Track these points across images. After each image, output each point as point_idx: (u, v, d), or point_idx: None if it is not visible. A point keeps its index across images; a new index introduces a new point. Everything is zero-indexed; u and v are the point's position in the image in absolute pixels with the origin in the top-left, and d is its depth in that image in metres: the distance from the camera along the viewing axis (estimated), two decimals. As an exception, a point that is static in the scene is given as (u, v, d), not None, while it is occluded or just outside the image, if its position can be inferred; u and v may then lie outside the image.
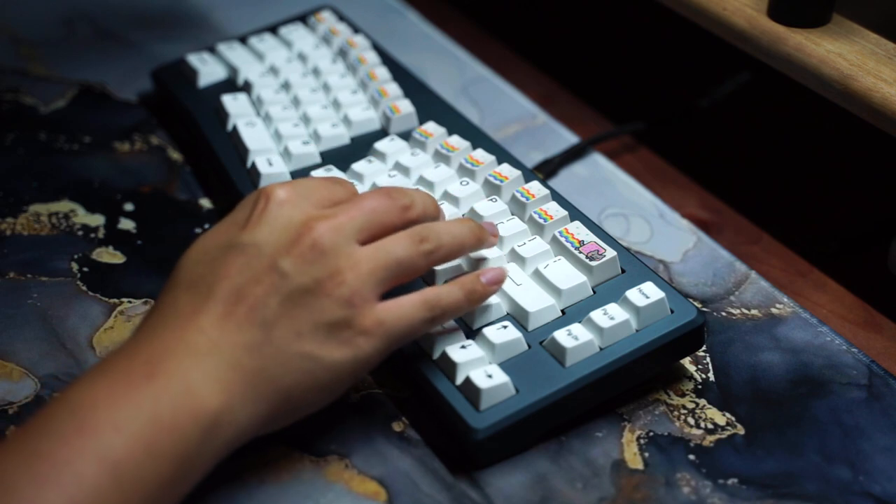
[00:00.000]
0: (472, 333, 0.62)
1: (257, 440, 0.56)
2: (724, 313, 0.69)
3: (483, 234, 0.62)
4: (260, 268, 0.54)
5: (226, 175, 0.75)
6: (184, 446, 0.51)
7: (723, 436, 0.61)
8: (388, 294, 0.57)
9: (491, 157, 0.72)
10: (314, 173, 0.73)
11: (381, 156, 0.74)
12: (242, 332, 0.53)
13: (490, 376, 0.59)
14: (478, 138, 0.75)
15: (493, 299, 0.63)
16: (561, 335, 0.61)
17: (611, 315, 0.61)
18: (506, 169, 0.71)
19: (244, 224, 0.56)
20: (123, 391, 0.51)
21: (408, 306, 0.57)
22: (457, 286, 0.59)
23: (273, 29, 0.88)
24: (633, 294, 0.62)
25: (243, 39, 0.87)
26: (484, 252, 0.64)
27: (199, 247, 0.56)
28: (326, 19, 0.87)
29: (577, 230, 0.66)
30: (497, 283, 0.61)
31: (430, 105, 0.79)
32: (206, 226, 0.75)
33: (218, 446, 0.53)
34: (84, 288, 0.70)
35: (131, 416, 0.51)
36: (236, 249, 0.55)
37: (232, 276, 0.54)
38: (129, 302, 0.69)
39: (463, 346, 0.60)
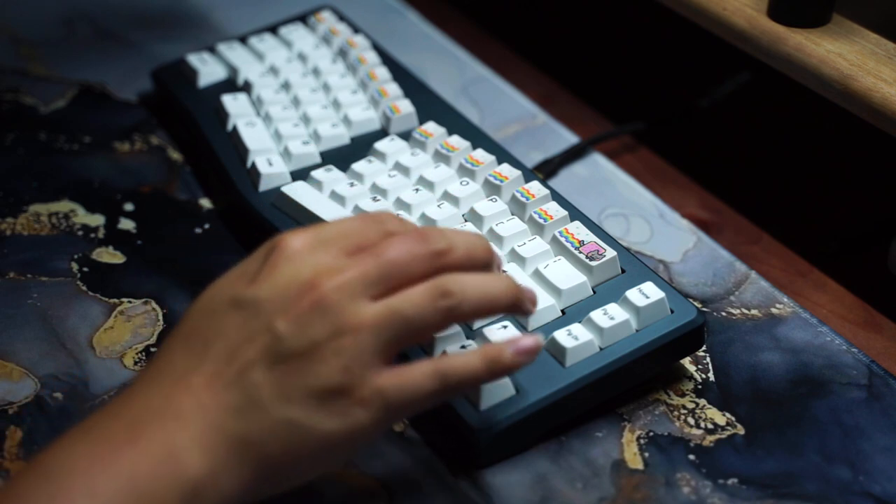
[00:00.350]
0: (472, 333, 0.62)
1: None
2: (724, 313, 0.69)
3: (521, 296, 0.55)
4: (256, 328, 0.51)
5: (226, 175, 0.75)
6: None
7: (723, 436, 0.61)
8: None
9: (491, 157, 0.72)
10: (314, 174, 0.73)
11: (381, 156, 0.74)
12: (230, 393, 0.50)
13: (490, 376, 0.59)
14: (478, 138, 0.75)
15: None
16: (561, 335, 0.61)
17: (611, 315, 0.61)
18: (506, 169, 0.71)
19: (252, 278, 0.52)
20: (102, 456, 0.49)
21: (416, 376, 0.51)
22: (478, 356, 0.53)
23: (273, 29, 0.88)
24: (633, 294, 0.62)
25: (243, 39, 0.87)
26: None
27: (207, 297, 0.53)
28: (326, 19, 0.87)
29: (577, 230, 0.66)
30: (529, 354, 0.53)
31: (430, 105, 0.79)
32: (207, 226, 0.75)
33: None
34: (84, 288, 0.70)
35: (108, 483, 0.48)
36: (237, 306, 0.51)
37: (228, 335, 0.51)
38: (129, 302, 0.69)
39: (463, 347, 0.60)
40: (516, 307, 0.55)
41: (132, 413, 0.50)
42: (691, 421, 0.62)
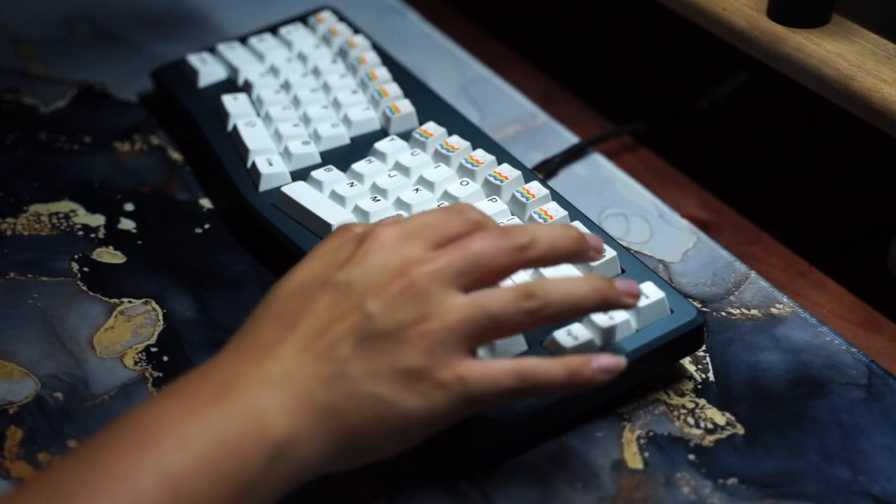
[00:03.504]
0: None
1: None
2: (723, 313, 0.69)
3: (612, 294, 0.56)
4: (347, 306, 0.53)
5: (226, 175, 0.75)
6: (246, 472, 0.50)
7: (723, 436, 0.61)
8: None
9: (491, 157, 0.72)
10: (314, 174, 0.73)
11: (381, 156, 0.74)
12: (318, 365, 0.52)
13: (490, 376, 0.59)
14: (478, 138, 0.75)
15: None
16: (561, 335, 0.60)
17: (611, 315, 0.61)
18: (506, 169, 0.71)
19: (343, 263, 0.55)
20: (190, 411, 0.51)
21: (496, 370, 0.54)
22: (560, 364, 0.55)
23: (273, 29, 0.88)
24: (633, 294, 0.62)
25: (243, 39, 0.87)
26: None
27: (295, 280, 0.55)
28: (326, 19, 0.87)
29: (577, 230, 0.66)
30: (610, 372, 0.55)
31: (430, 105, 0.79)
32: (207, 226, 0.75)
33: (281, 477, 0.51)
34: (84, 288, 0.70)
35: (196, 435, 0.50)
36: (329, 286, 0.54)
37: (318, 313, 0.53)
38: (130, 302, 0.69)
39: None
40: (607, 307, 0.57)
41: (220, 375, 0.53)
42: (691, 421, 0.62)
